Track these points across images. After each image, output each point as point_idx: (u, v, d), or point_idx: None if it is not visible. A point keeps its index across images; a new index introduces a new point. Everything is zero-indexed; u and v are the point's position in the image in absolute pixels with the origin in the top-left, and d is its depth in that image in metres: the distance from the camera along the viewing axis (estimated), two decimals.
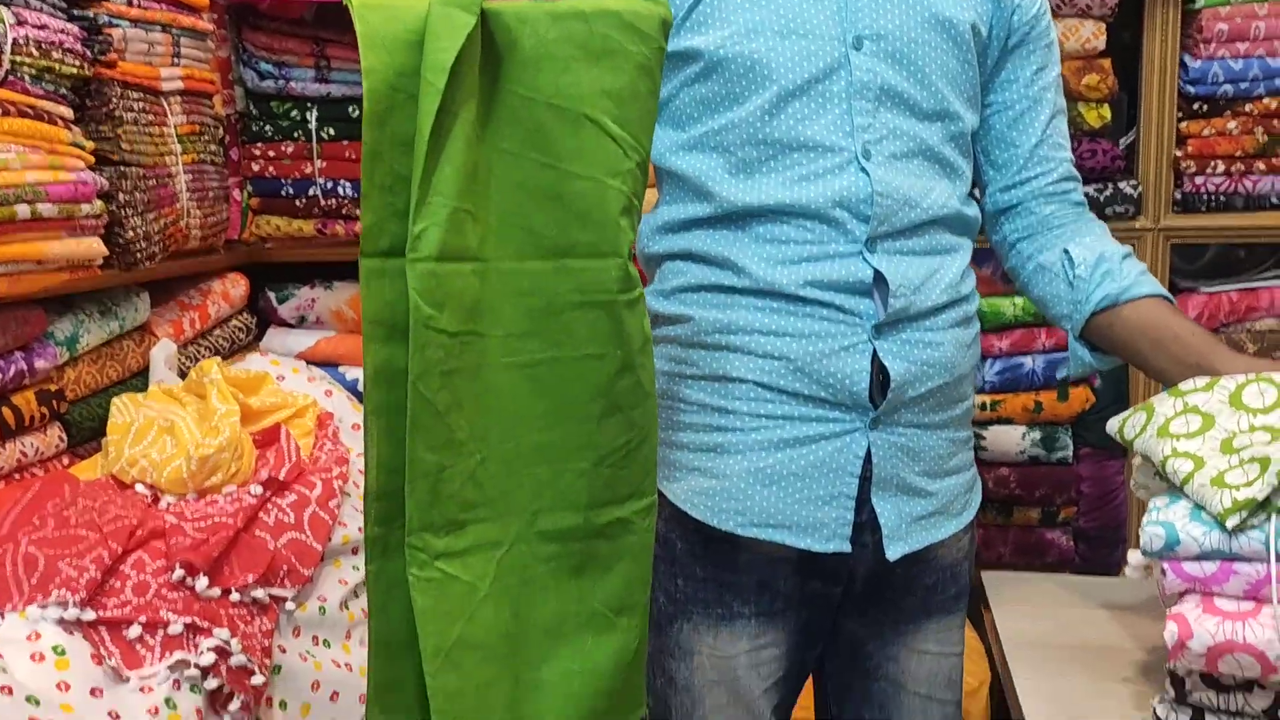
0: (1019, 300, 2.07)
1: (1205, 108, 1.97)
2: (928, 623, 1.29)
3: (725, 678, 1.23)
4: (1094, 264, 1.25)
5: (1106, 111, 1.98)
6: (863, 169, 1.13)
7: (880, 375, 1.14)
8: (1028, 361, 2.08)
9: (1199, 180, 1.98)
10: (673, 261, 1.22)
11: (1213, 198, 1.99)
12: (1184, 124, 1.98)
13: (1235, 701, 0.92)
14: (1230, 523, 0.88)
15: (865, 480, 1.17)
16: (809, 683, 1.40)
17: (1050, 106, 1.29)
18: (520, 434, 0.91)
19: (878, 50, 1.15)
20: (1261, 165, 1.96)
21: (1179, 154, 1.99)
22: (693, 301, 1.19)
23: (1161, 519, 0.93)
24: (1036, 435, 2.10)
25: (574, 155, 0.90)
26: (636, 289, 0.94)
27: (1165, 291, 1.25)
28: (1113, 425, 1.12)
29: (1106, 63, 1.97)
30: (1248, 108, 1.95)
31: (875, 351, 1.14)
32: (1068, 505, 2.13)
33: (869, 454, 1.16)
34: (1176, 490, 0.97)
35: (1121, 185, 1.99)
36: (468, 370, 0.87)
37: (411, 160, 0.86)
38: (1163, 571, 0.93)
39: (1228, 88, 1.94)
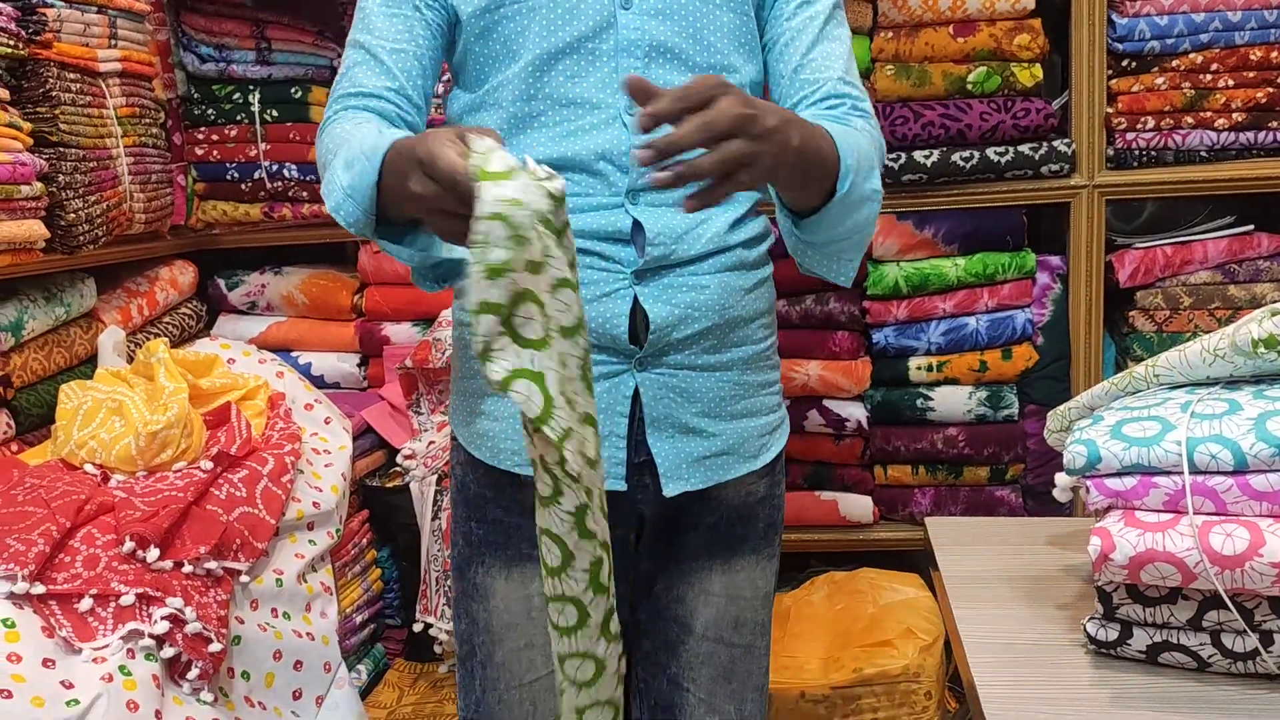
0: (961, 261, 2.10)
1: (1134, 64, 2.01)
2: (711, 562, 1.31)
3: (520, 620, 1.26)
4: None
5: (1038, 70, 2.01)
6: (624, 124, 1.16)
7: (644, 319, 1.17)
8: (971, 322, 2.11)
9: (1130, 136, 2.02)
10: None
11: (1144, 153, 2.03)
12: (1114, 81, 2.02)
13: (1161, 614, 0.95)
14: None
15: (641, 421, 1.20)
16: None
17: (812, 34, 1.27)
18: None
19: (647, 8, 1.17)
20: (1190, 119, 2.01)
21: (1110, 111, 2.03)
22: None
23: (1084, 437, 0.96)
24: (982, 394, 2.14)
25: None
26: None
27: (827, 123, 1.14)
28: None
29: (1036, 22, 2.00)
30: (1174, 63, 1.99)
31: (637, 297, 1.17)
32: (1015, 463, 2.17)
33: (638, 394, 1.19)
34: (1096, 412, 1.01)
35: (1056, 143, 2.02)
36: None
37: None
38: (1087, 489, 0.96)
39: (1154, 44, 1.98)
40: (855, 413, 2.16)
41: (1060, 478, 0.99)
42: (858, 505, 2.20)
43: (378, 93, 1.18)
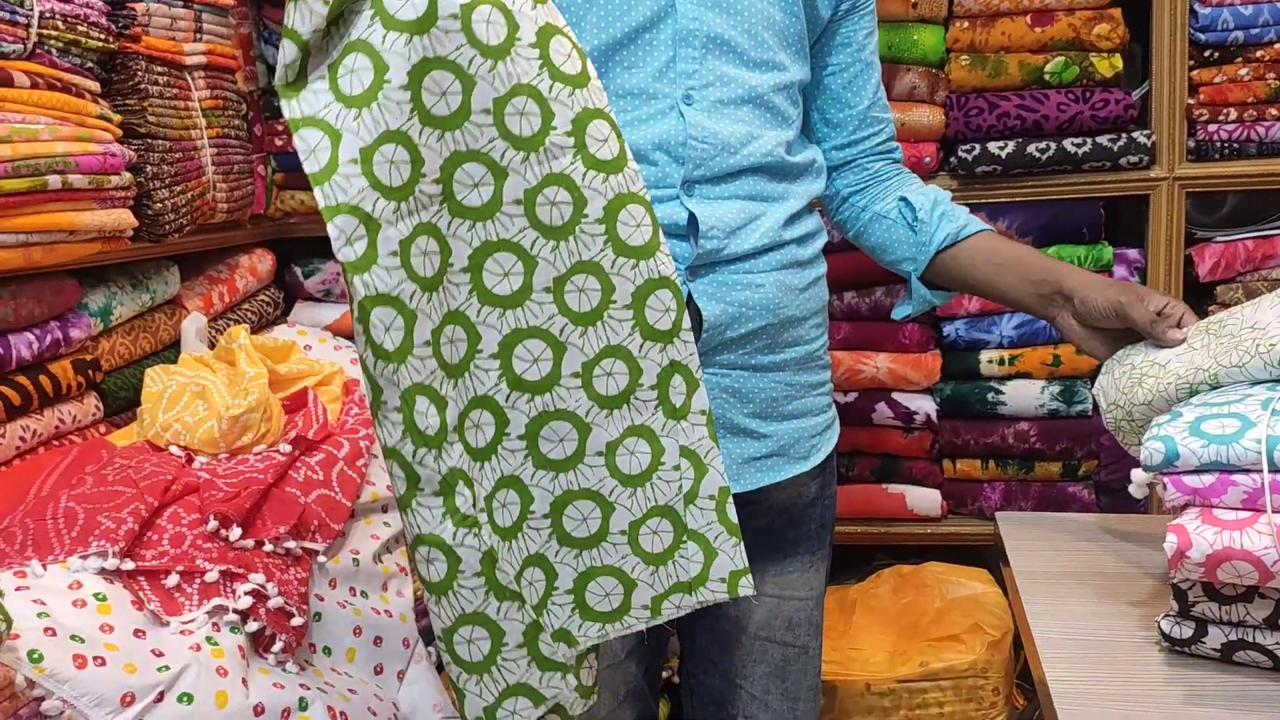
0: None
1: (1216, 55, 1.97)
2: (763, 564, 1.31)
3: None
4: (931, 208, 1.34)
5: (1118, 61, 1.98)
6: (681, 114, 1.17)
7: (698, 317, 1.17)
8: None
9: (1212, 128, 1.98)
10: None
11: (1226, 145, 1.99)
12: (1196, 72, 1.98)
13: (1237, 612, 0.94)
14: None
15: None
16: None
17: (878, 70, 1.38)
18: None
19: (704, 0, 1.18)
20: (1274, 111, 1.96)
21: (1192, 102, 1.99)
22: None
23: (1162, 434, 0.95)
24: (1055, 389, 2.11)
25: None
26: None
27: (992, 227, 1.37)
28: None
29: (1117, 12, 1.97)
30: (1259, 53, 1.95)
31: (691, 294, 1.17)
32: (1089, 459, 2.14)
33: None
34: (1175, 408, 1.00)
35: (1135, 135, 1.99)
36: None
37: None
38: (1164, 486, 0.95)
39: (1238, 34, 1.94)
40: (924, 406, 2.15)
41: (1137, 474, 0.98)
42: (926, 499, 2.19)
43: None
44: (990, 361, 2.12)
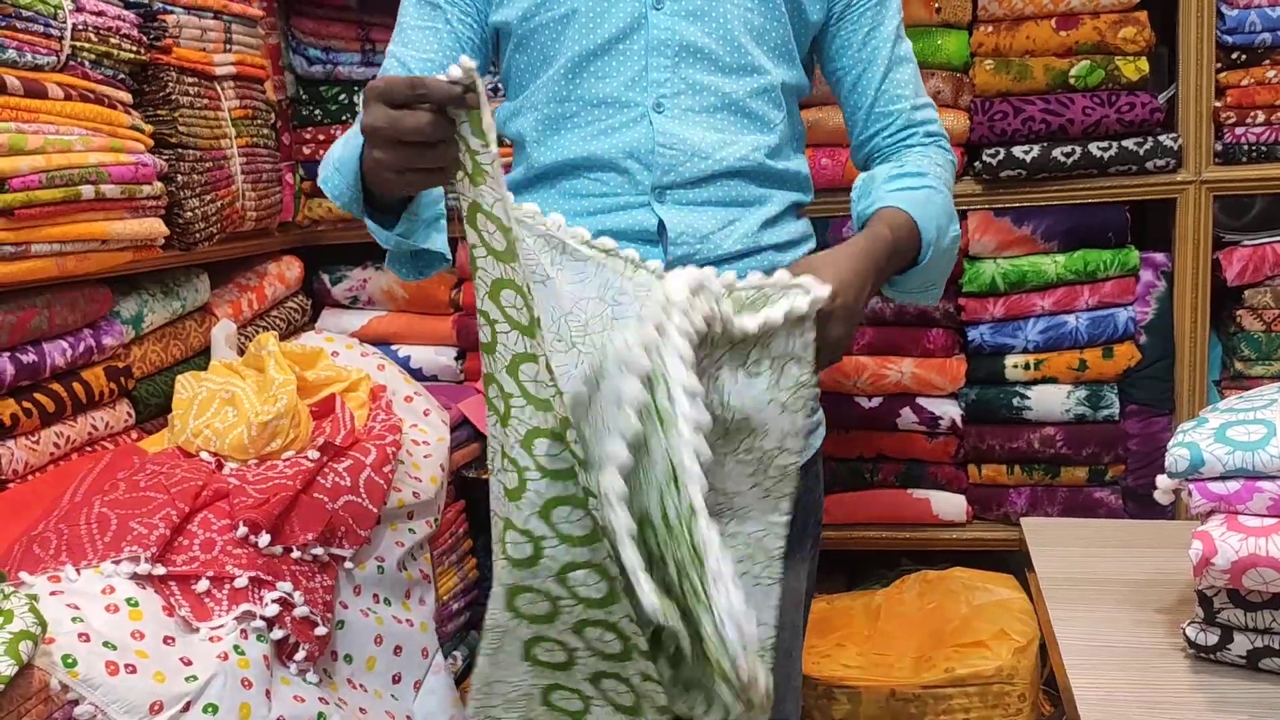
0: (1060, 259, 2.07)
1: (1244, 57, 1.96)
2: None
3: None
4: (858, 197, 1.27)
5: (1144, 64, 1.97)
6: (651, 122, 1.19)
7: None
8: (1071, 320, 2.08)
9: (1239, 131, 1.97)
10: None
11: (1254, 148, 1.97)
12: (1223, 74, 1.97)
13: (1263, 619, 0.94)
14: None
15: None
16: None
17: (883, 64, 1.32)
18: None
19: (678, 9, 1.20)
20: None
21: (1219, 105, 1.98)
22: None
23: (1186, 440, 0.95)
24: (1082, 394, 2.10)
25: None
26: None
27: (904, 201, 1.21)
28: None
29: (1143, 15, 1.96)
30: None
31: None
32: (1116, 463, 2.13)
33: None
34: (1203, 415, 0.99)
35: (1161, 138, 1.98)
36: None
37: None
38: (1189, 492, 0.95)
39: (1266, 36, 1.93)
40: (949, 411, 2.15)
41: (1162, 480, 0.98)
42: (950, 504, 2.18)
43: None
44: (1015, 366, 2.12)
